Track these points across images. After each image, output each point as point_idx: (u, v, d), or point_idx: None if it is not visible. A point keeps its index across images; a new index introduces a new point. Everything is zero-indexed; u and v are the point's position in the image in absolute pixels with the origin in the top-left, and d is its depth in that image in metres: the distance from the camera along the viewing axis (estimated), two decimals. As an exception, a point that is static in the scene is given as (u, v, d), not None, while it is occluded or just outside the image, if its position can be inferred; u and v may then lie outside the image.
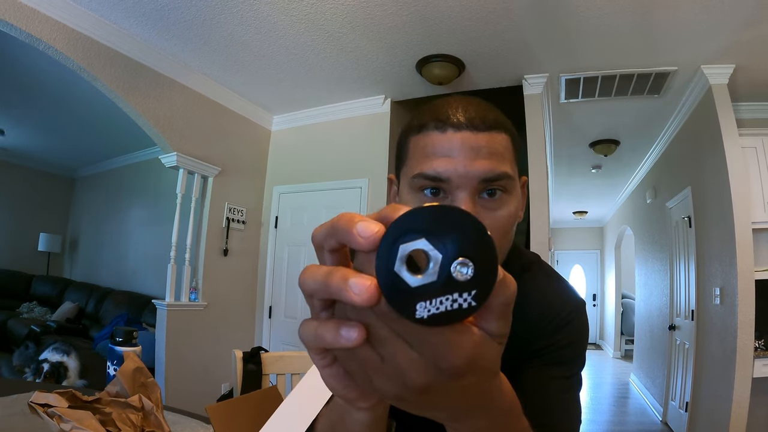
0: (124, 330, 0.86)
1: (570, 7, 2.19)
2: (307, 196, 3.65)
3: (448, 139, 0.53)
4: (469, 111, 0.54)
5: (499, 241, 0.54)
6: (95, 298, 4.67)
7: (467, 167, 0.52)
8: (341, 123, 3.61)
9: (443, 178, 0.52)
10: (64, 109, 4.07)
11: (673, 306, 3.69)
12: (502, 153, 0.54)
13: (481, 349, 0.24)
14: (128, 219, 5.10)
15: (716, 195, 2.74)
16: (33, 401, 0.61)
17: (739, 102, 2.90)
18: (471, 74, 2.93)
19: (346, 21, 2.43)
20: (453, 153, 0.52)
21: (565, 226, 8.58)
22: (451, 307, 0.22)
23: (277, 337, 3.66)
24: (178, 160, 3.07)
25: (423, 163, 0.54)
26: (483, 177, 0.52)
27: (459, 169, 0.52)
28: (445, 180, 0.53)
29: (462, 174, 0.52)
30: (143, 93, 2.85)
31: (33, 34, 2.24)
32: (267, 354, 1.37)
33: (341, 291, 0.22)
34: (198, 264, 3.27)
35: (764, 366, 2.43)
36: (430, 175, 0.53)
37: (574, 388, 0.60)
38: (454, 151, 0.52)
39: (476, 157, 0.52)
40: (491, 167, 0.52)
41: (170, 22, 2.52)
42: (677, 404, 3.46)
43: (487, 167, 0.52)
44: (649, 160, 4.36)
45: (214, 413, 0.68)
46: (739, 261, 2.46)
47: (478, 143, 0.52)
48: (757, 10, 2.11)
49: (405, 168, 0.58)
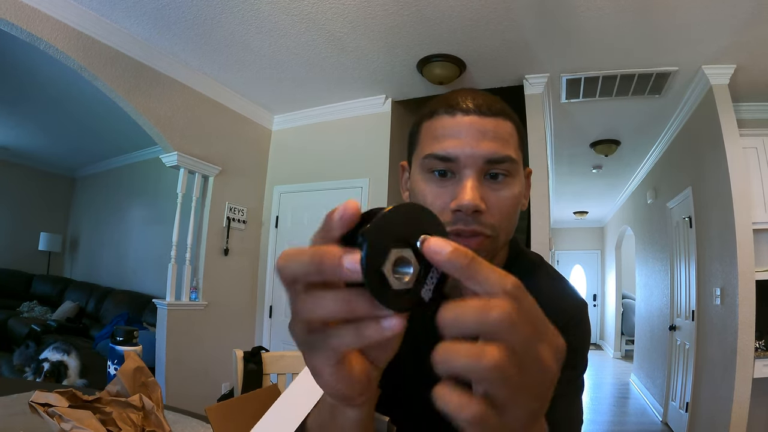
0: (124, 329, 0.86)
1: (570, 7, 2.19)
2: (308, 196, 3.65)
3: (456, 122, 0.56)
4: (477, 99, 0.57)
5: (501, 222, 0.56)
6: (95, 297, 4.67)
7: (474, 148, 0.54)
8: (342, 123, 3.61)
9: (451, 158, 0.55)
10: (65, 109, 4.07)
11: (673, 306, 3.69)
12: (507, 138, 0.57)
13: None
14: (129, 218, 5.11)
15: (717, 195, 2.74)
16: (33, 401, 0.61)
17: (740, 102, 2.90)
18: (472, 74, 2.93)
19: (347, 21, 2.43)
20: (461, 134, 0.55)
21: (566, 226, 8.58)
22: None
23: (277, 337, 3.66)
24: (178, 160, 3.08)
25: (433, 145, 0.57)
26: (488, 158, 0.54)
27: (466, 149, 0.54)
28: (453, 159, 0.55)
29: (469, 154, 0.54)
30: (144, 92, 2.85)
31: (34, 33, 2.24)
32: (267, 354, 1.37)
33: (336, 269, 0.24)
34: (198, 263, 3.28)
35: (764, 366, 2.43)
36: (440, 155, 0.55)
37: (578, 391, 0.61)
38: (462, 132, 0.55)
39: (483, 139, 0.55)
40: (496, 149, 0.55)
41: (171, 21, 2.52)
42: (677, 404, 3.46)
43: (492, 149, 0.54)
44: (649, 160, 4.35)
45: (213, 414, 0.68)
46: (739, 261, 2.45)
47: (484, 126, 0.55)
48: (757, 10, 2.11)
49: (416, 151, 0.61)
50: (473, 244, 0.54)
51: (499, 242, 0.57)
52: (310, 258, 0.25)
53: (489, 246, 0.56)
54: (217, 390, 3.27)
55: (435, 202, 0.56)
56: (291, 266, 0.26)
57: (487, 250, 0.56)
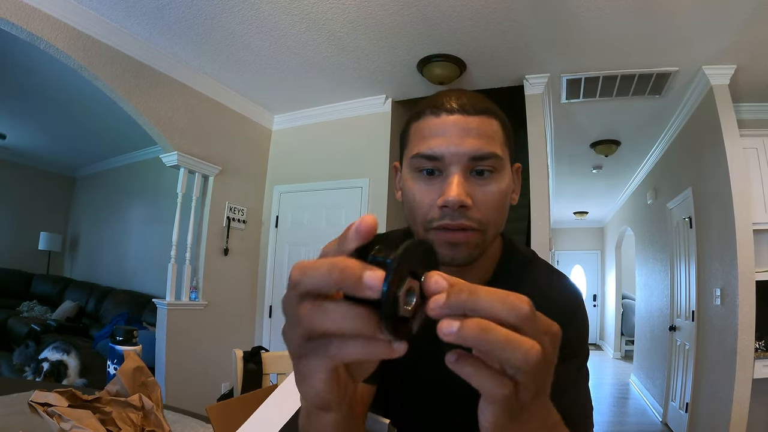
0: (124, 329, 0.86)
1: (571, 8, 2.19)
2: (308, 196, 3.65)
3: (442, 122, 0.58)
4: (462, 98, 0.59)
5: (488, 216, 0.57)
6: (95, 297, 4.67)
7: (458, 145, 0.56)
8: (342, 123, 3.61)
9: (437, 156, 0.57)
10: (65, 109, 4.07)
11: (673, 307, 3.69)
12: (491, 136, 0.58)
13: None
14: (128, 218, 5.11)
15: (717, 195, 2.74)
16: (33, 400, 0.61)
17: (740, 102, 2.90)
18: (472, 74, 2.93)
19: (347, 21, 2.43)
20: (446, 133, 0.57)
21: (566, 227, 8.58)
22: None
23: (277, 337, 3.66)
24: (178, 160, 3.07)
25: (420, 144, 0.59)
26: (473, 155, 0.56)
27: (451, 147, 0.56)
28: (439, 158, 0.57)
29: (453, 152, 0.56)
30: (144, 92, 2.85)
31: (34, 33, 2.24)
32: (267, 353, 1.37)
33: (355, 284, 0.25)
34: (198, 263, 3.27)
35: (764, 367, 2.43)
36: (426, 154, 0.57)
37: (584, 379, 0.62)
38: (447, 131, 0.57)
39: (467, 137, 0.56)
40: (480, 146, 0.56)
41: (171, 21, 2.52)
42: (677, 405, 3.46)
43: (476, 146, 0.56)
44: (649, 160, 4.35)
45: (214, 413, 0.68)
46: (739, 262, 2.45)
47: (468, 125, 0.57)
48: (757, 10, 2.11)
49: (406, 152, 0.63)
50: (461, 238, 0.56)
51: (488, 236, 0.58)
52: (328, 271, 0.25)
53: (477, 240, 0.57)
54: (216, 390, 3.27)
55: (423, 200, 0.58)
56: (309, 280, 0.26)
57: (475, 243, 0.57)
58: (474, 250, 0.57)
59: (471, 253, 0.57)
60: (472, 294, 0.26)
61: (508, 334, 0.26)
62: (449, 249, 0.57)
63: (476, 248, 0.57)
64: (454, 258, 0.57)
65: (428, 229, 0.58)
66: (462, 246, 0.56)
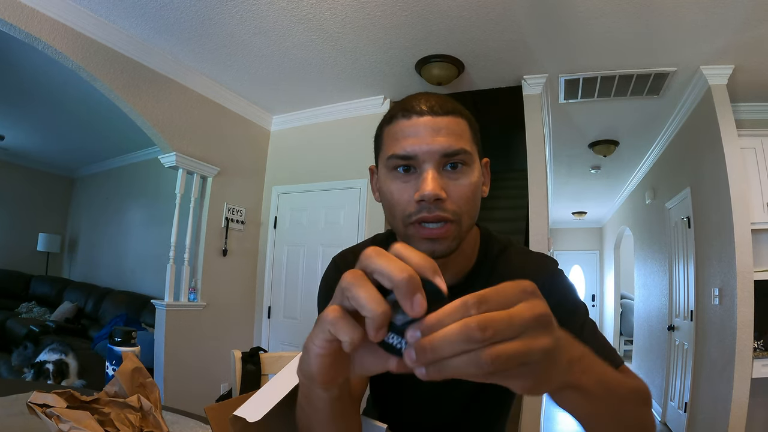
0: (122, 330, 0.86)
1: (569, 8, 2.19)
2: (307, 197, 3.65)
3: (413, 124, 0.62)
4: (430, 100, 0.63)
5: (462, 207, 0.62)
6: (94, 298, 4.66)
7: (430, 144, 0.60)
8: (340, 123, 3.61)
9: (411, 156, 0.61)
10: (64, 109, 4.07)
11: (672, 306, 3.69)
12: (460, 133, 0.62)
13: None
14: (127, 219, 5.10)
15: (715, 196, 2.74)
16: (31, 401, 0.61)
17: (738, 102, 2.90)
18: (470, 74, 2.93)
19: (345, 21, 2.43)
20: (418, 134, 0.61)
21: (564, 227, 8.58)
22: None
23: (276, 338, 3.65)
24: (177, 160, 3.07)
25: (394, 146, 0.63)
26: (444, 152, 0.60)
27: (423, 146, 0.60)
28: (413, 157, 0.61)
29: (426, 150, 0.60)
30: (142, 93, 2.85)
31: (32, 34, 2.24)
32: (266, 354, 1.36)
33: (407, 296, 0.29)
34: (197, 264, 3.27)
35: (763, 366, 2.44)
36: (401, 155, 0.62)
37: (594, 329, 0.67)
38: (419, 132, 0.61)
39: (437, 135, 0.61)
40: (450, 143, 0.60)
41: (169, 21, 2.52)
42: (676, 405, 3.46)
43: (446, 143, 0.60)
44: (648, 160, 4.36)
45: (213, 414, 0.68)
46: (738, 261, 2.46)
47: (438, 125, 0.61)
48: (756, 10, 2.11)
49: (381, 154, 0.67)
50: (439, 233, 0.60)
51: (463, 226, 0.63)
52: (399, 269, 0.30)
53: (454, 231, 0.61)
54: (215, 390, 3.27)
55: (401, 197, 0.62)
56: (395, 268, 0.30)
57: (453, 236, 0.61)
58: (452, 242, 0.62)
59: (450, 245, 0.62)
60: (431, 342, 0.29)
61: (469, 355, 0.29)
62: (429, 244, 0.61)
63: (454, 240, 0.62)
64: (434, 252, 0.61)
65: (407, 224, 0.62)
66: (440, 240, 0.61)
